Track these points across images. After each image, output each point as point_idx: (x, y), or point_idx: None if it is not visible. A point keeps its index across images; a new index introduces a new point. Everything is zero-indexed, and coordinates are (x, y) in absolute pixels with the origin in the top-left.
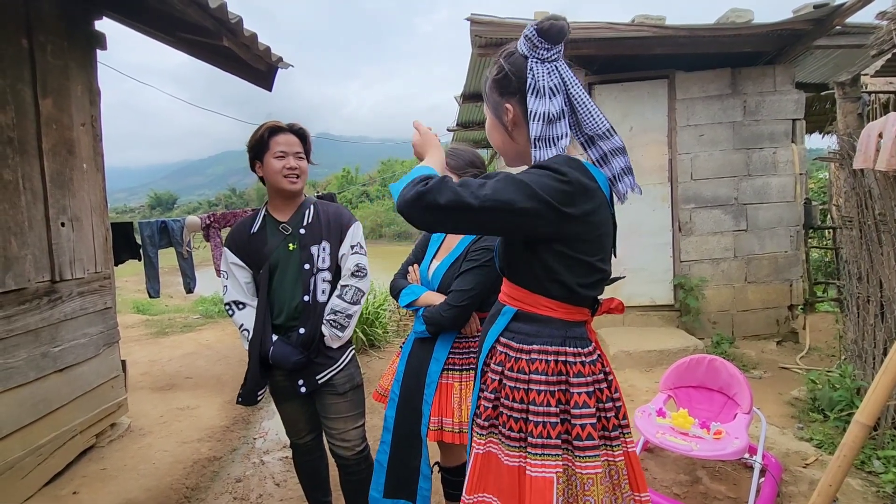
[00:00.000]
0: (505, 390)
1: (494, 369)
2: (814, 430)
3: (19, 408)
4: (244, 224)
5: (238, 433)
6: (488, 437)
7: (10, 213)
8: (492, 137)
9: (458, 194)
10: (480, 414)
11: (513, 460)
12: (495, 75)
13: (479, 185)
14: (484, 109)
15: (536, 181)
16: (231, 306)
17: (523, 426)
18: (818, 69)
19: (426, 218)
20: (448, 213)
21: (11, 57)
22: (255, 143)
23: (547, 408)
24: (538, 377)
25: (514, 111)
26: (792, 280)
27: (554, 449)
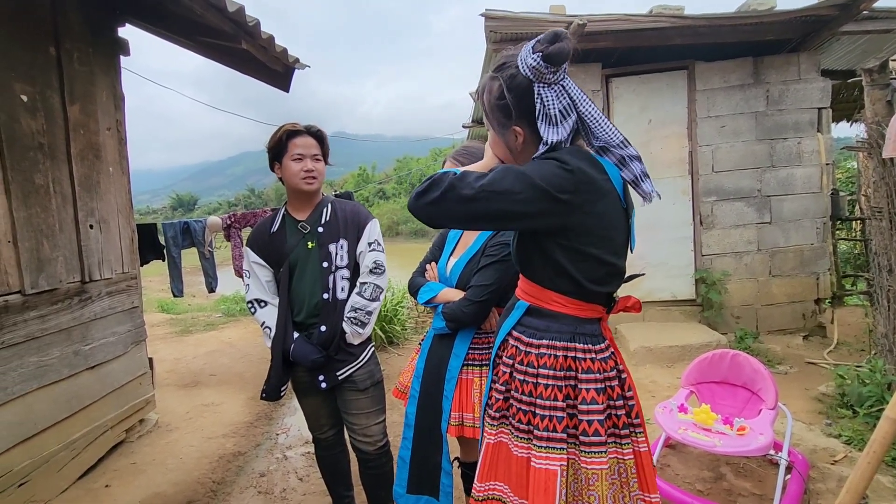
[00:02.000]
0: (515, 383)
1: (506, 362)
2: (842, 427)
3: (54, 403)
4: (264, 224)
5: (261, 429)
6: (499, 427)
7: (42, 217)
8: (498, 151)
9: (454, 186)
10: (492, 405)
11: (521, 451)
12: (498, 100)
13: (478, 177)
14: (485, 122)
15: (536, 170)
16: (253, 304)
17: (531, 419)
18: (845, 55)
19: (428, 212)
20: (446, 205)
21: (41, 65)
22: (274, 145)
23: (553, 402)
24: (546, 371)
25: (524, 133)
26: (819, 273)
27: (559, 443)
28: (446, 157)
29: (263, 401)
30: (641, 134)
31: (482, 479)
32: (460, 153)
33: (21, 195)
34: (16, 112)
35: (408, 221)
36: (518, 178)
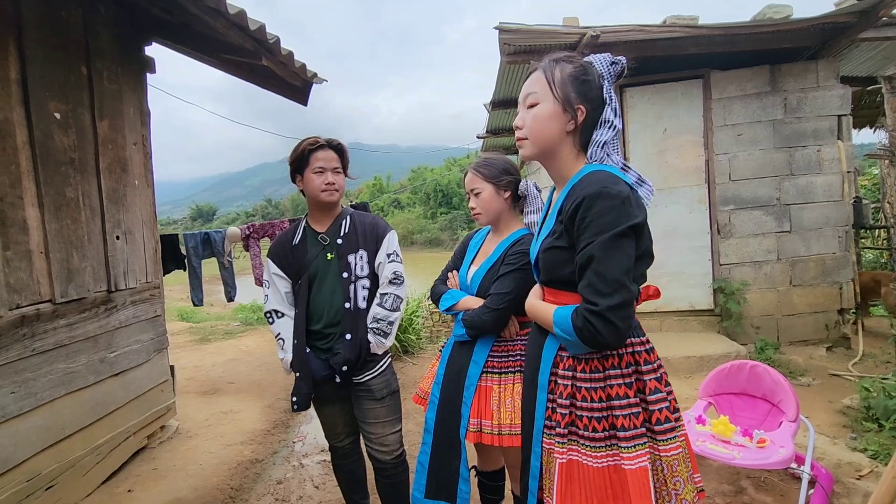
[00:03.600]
0: (581, 393)
1: (564, 375)
2: (868, 440)
3: (80, 409)
4: (286, 236)
5: (278, 437)
6: (568, 444)
7: (72, 228)
8: (546, 128)
9: (626, 300)
10: (558, 423)
11: (601, 461)
12: (576, 73)
13: (618, 271)
14: (536, 92)
15: (615, 219)
16: (271, 314)
17: (613, 422)
18: (865, 62)
19: (623, 321)
20: (629, 305)
21: (73, 84)
22: (296, 158)
23: (628, 399)
24: (614, 372)
25: (584, 115)
26: (842, 283)
27: (641, 437)
28: (466, 169)
29: (295, 412)
30: (657, 143)
31: (563, 500)
32: (481, 164)
33: (53, 208)
34: (50, 129)
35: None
36: (622, 249)
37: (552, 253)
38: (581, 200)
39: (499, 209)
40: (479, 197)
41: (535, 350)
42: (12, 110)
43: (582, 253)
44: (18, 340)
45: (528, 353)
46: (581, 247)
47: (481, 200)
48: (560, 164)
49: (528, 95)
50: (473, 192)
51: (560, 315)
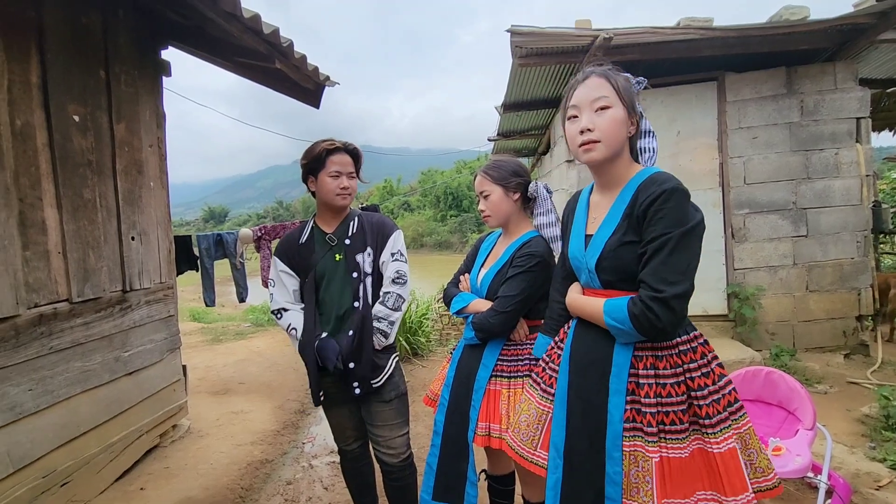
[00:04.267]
0: (667, 389)
1: (646, 374)
2: (887, 450)
3: (95, 407)
4: (293, 235)
5: (288, 437)
6: (658, 442)
7: (89, 229)
8: (619, 131)
9: (684, 276)
10: (650, 423)
11: (685, 450)
12: (630, 85)
13: (687, 263)
14: (607, 96)
15: (687, 212)
16: (279, 312)
17: (696, 412)
18: (884, 64)
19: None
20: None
21: (92, 87)
22: (313, 160)
23: (710, 388)
24: (693, 365)
25: (638, 121)
26: (860, 288)
27: (726, 420)
28: (476, 172)
29: (320, 405)
30: (670, 146)
31: (664, 496)
32: (491, 167)
33: (71, 209)
34: (69, 132)
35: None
36: (693, 244)
37: (624, 249)
38: (661, 193)
39: (508, 211)
40: (488, 199)
41: (597, 355)
42: (33, 113)
43: (655, 241)
44: (36, 339)
45: (579, 362)
46: (653, 236)
47: (490, 203)
48: (619, 166)
49: (596, 99)
50: (483, 194)
51: (612, 305)
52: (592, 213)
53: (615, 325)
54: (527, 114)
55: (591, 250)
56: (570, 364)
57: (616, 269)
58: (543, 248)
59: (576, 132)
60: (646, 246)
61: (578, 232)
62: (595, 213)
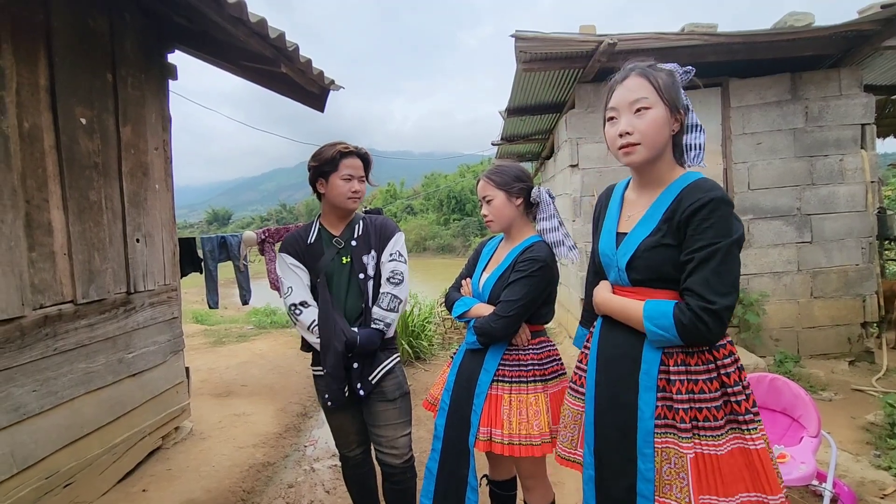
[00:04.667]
0: (699, 385)
1: (678, 371)
2: (892, 458)
3: (98, 408)
4: (300, 234)
5: (290, 440)
6: (693, 438)
7: (95, 231)
8: (660, 131)
9: (733, 287)
10: (683, 419)
11: (725, 447)
12: (672, 81)
13: (734, 275)
14: (647, 97)
15: (732, 227)
16: (298, 307)
17: (734, 408)
18: (889, 70)
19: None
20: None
21: (98, 90)
22: (325, 162)
23: (742, 383)
24: (727, 360)
25: (682, 122)
26: (865, 295)
27: (758, 415)
28: (479, 176)
29: (331, 408)
30: None
31: (700, 493)
32: (493, 172)
33: (77, 210)
34: (75, 134)
35: (435, 237)
36: (737, 255)
37: (658, 251)
38: (708, 202)
39: (511, 216)
40: (490, 204)
41: (625, 352)
42: (41, 115)
43: (703, 251)
44: (41, 340)
45: (608, 359)
46: (700, 245)
47: (493, 208)
48: (661, 167)
49: (636, 101)
50: (485, 199)
51: (655, 309)
52: (627, 211)
53: (657, 332)
54: (531, 118)
55: (624, 249)
56: (598, 361)
57: (648, 269)
58: (546, 253)
59: (615, 135)
60: (692, 254)
61: (610, 229)
62: (630, 211)
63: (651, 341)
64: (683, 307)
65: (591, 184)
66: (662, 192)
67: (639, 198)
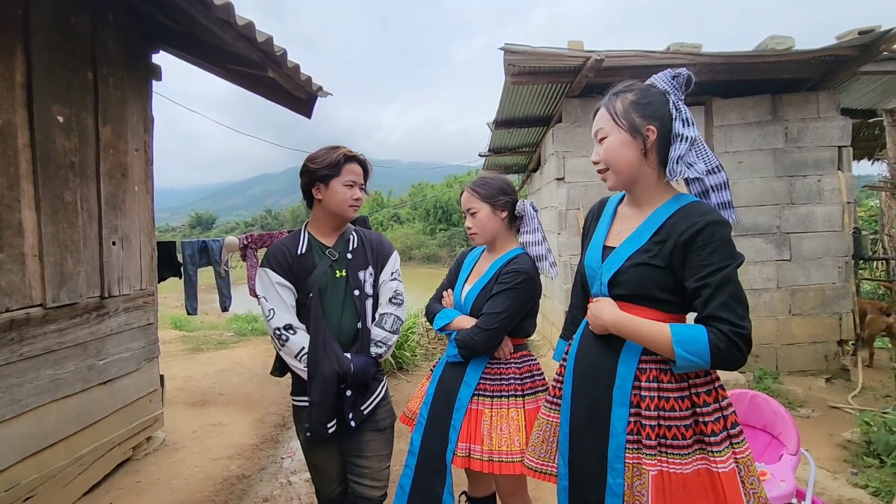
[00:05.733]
0: (669, 403)
1: (649, 388)
2: (869, 476)
3: (65, 417)
4: (286, 245)
5: (266, 452)
6: (657, 456)
7: (68, 233)
8: (618, 155)
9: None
10: (648, 436)
11: (690, 466)
12: (637, 98)
13: (745, 297)
14: (603, 127)
15: (735, 250)
16: (284, 332)
17: (702, 429)
18: (865, 95)
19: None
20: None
21: (78, 89)
22: (328, 166)
23: (714, 405)
24: (699, 381)
25: (656, 133)
26: (841, 313)
27: (727, 440)
28: (464, 188)
29: (309, 440)
30: None
31: None
32: (478, 184)
33: (50, 211)
34: (52, 132)
35: (421, 246)
36: (736, 269)
37: (645, 269)
38: (705, 225)
39: (495, 229)
40: (475, 217)
41: (601, 365)
42: (15, 113)
43: (716, 276)
44: (6, 345)
45: (584, 372)
46: (711, 270)
47: (477, 220)
48: (645, 187)
49: (597, 132)
50: (470, 211)
51: (686, 334)
52: (619, 225)
53: (688, 358)
54: (518, 131)
55: (610, 263)
56: (575, 374)
57: (632, 286)
58: (530, 266)
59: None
60: (705, 280)
61: (598, 242)
62: (622, 226)
63: (678, 365)
64: (719, 333)
65: (576, 197)
66: (654, 211)
67: (632, 212)
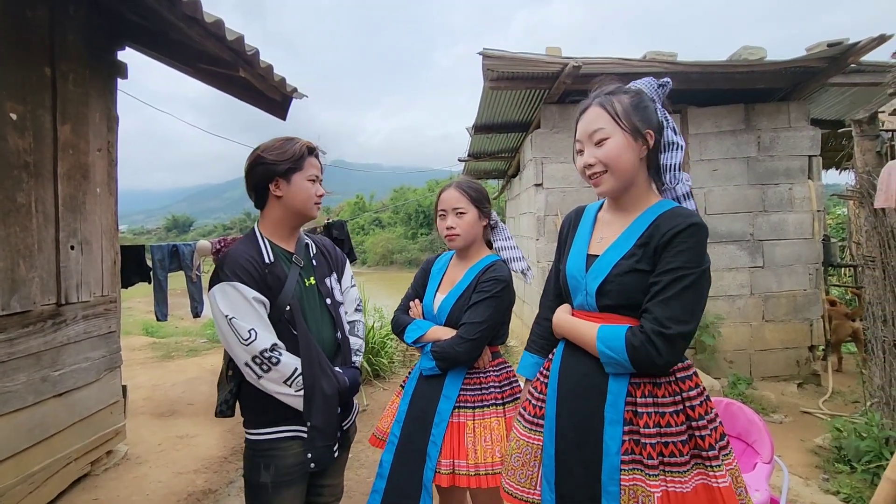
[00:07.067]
0: (665, 418)
1: (645, 402)
2: (840, 483)
3: (15, 433)
4: (249, 253)
5: (236, 464)
6: (660, 476)
7: (21, 236)
8: (622, 157)
9: (692, 316)
10: (650, 455)
11: (690, 483)
12: (636, 102)
13: (698, 304)
14: (604, 128)
15: (706, 257)
16: (272, 353)
17: (698, 443)
18: (834, 106)
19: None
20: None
21: (33, 84)
22: (290, 159)
23: (708, 416)
24: (693, 392)
25: (653, 140)
26: (812, 319)
27: (720, 454)
28: (451, 185)
29: (313, 469)
30: None
31: None
32: (468, 186)
33: (1, 214)
34: (3, 130)
35: (402, 251)
36: (705, 286)
37: (632, 276)
38: (687, 226)
39: (476, 234)
40: (461, 218)
41: (590, 381)
42: None
43: (671, 274)
44: None
45: (571, 389)
46: (670, 268)
47: (464, 222)
48: (636, 192)
49: (594, 132)
50: (457, 211)
51: (608, 332)
52: (600, 232)
53: (608, 354)
54: (497, 136)
55: (595, 272)
56: (559, 392)
57: (619, 295)
58: (507, 273)
59: (582, 166)
60: (659, 276)
61: (580, 250)
62: (604, 233)
63: (604, 364)
64: (636, 329)
65: (554, 203)
66: (638, 216)
67: (614, 220)
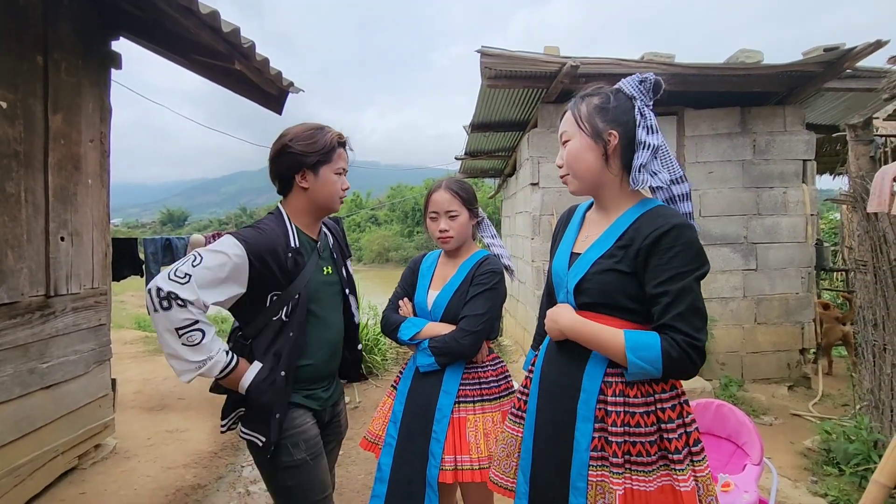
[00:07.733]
0: (635, 418)
1: (615, 402)
2: (829, 485)
3: (1, 425)
4: (276, 234)
5: (226, 460)
6: (624, 473)
7: (10, 227)
8: (579, 160)
9: (705, 321)
10: (614, 452)
11: (655, 483)
12: (601, 103)
13: (704, 307)
14: (567, 131)
15: (702, 257)
16: (181, 302)
17: (665, 445)
18: (829, 111)
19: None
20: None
21: (25, 73)
22: (320, 151)
23: (678, 420)
24: (665, 395)
25: (618, 138)
26: (803, 322)
27: (688, 458)
28: (440, 186)
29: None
30: None
31: None
32: (461, 187)
33: None
34: None
35: (398, 248)
36: (700, 287)
37: (610, 276)
38: (670, 228)
39: (468, 234)
40: (454, 220)
41: (566, 379)
42: None
43: (677, 283)
44: None
45: (549, 385)
46: (670, 276)
47: (458, 224)
48: (608, 193)
49: (562, 135)
50: (449, 213)
51: (639, 340)
52: (586, 231)
53: (640, 364)
54: (494, 135)
55: (575, 270)
56: (540, 387)
57: (597, 293)
58: (500, 266)
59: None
60: (664, 286)
61: (566, 248)
62: (589, 232)
63: (630, 374)
64: (672, 342)
65: (550, 202)
66: (619, 216)
67: (598, 219)
